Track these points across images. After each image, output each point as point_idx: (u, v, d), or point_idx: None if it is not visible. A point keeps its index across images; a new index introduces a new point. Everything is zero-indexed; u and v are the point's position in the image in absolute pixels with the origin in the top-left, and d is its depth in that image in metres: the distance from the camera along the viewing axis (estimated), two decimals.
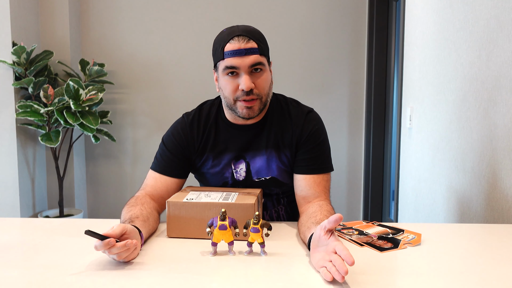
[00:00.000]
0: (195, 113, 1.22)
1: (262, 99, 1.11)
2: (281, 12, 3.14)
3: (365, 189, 3.18)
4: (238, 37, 1.06)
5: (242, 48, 1.06)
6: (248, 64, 1.06)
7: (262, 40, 1.11)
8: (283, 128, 1.18)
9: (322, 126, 1.20)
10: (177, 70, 3.20)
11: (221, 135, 1.20)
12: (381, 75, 3.00)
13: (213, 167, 1.21)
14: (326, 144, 1.20)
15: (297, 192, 1.17)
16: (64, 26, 3.02)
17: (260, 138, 1.19)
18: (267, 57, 1.12)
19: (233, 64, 1.06)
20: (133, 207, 1.04)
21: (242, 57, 1.06)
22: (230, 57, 1.06)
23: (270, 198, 1.25)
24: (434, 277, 0.78)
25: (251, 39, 1.07)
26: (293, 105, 1.22)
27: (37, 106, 2.66)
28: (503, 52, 1.30)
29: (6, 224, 1.14)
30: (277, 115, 1.20)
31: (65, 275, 0.79)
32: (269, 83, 1.13)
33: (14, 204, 2.78)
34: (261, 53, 1.09)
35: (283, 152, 1.18)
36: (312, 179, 1.15)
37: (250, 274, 0.79)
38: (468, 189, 1.53)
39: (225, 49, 1.07)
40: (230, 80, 1.09)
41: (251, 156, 1.19)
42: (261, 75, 1.09)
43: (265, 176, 1.20)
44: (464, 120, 1.57)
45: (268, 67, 1.13)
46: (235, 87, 1.09)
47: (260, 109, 1.12)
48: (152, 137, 3.24)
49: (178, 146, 1.20)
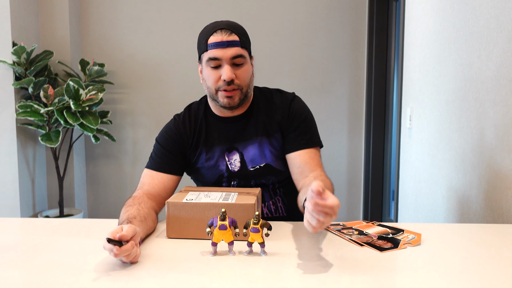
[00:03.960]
0: (185, 113, 1.28)
1: (243, 90, 1.17)
2: (281, 12, 3.14)
3: (365, 189, 3.18)
4: (221, 30, 1.12)
5: (224, 40, 1.11)
6: (230, 56, 1.12)
7: (244, 34, 1.17)
8: (269, 115, 1.24)
9: (305, 105, 1.28)
10: (177, 70, 3.20)
11: (211, 129, 1.25)
12: (381, 75, 3.00)
13: (207, 161, 1.25)
14: (311, 120, 1.26)
15: (293, 171, 1.22)
16: (64, 26, 3.02)
17: (249, 128, 1.24)
18: (248, 51, 1.18)
19: (215, 56, 1.12)
20: (130, 207, 1.05)
21: (224, 48, 1.11)
22: (213, 49, 1.12)
23: (266, 189, 1.27)
24: (434, 277, 0.78)
25: (233, 32, 1.13)
26: (276, 94, 1.28)
27: (37, 106, 2.66)
28: (503, 52, 1.30)
29: (6, 224, 1.14)
30: (262, 104, 1.26)
31: (65, 275, 0.79)
32: (250, 75, 1.19)
33: (14, 204, 2.78)
34: (243, 46, 1.14)
35: (273, 137, 1.23)
36: (306, 154, 1.20)
37: (250, 274, 0.79)
38: (468, 189, 1.53)
39: (208, 41, 1.13)
40: (213, 71, 1.14)
41: (243, 146, 1.24)
42: (242, 67, 1.15)
43: (259, 163, 1.24)
44: (464, 120, 1.57)
45: (249, 60, 1.19)
46: (217, 78, 1.14)
47: (240, 99, 1.17)
48: (152, 137, 3.24)
49: (172, 142, 1.24)
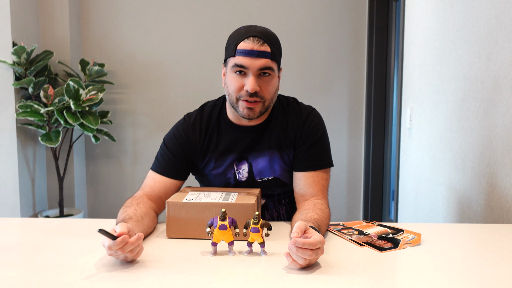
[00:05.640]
0: (197, 114, 1.21)
1: (265, 103, 1.11)
2: (281, 12, 3.14)
3: (365, 189, 3.18)
4: (253, 38, 1.05)
5: (255, 50, 1.05)
6: (258, 67, 1.05)
7: (277, 45, 1.10)
8: (284, 129, 1.18)
9: (320, 122, 1.20)
10: (177, 70, 3.20)
11: (223, 137, 1.19)
12: (381, 75, 3.00)
13: (215, 169, 1.20)
14: (324, 141, 1.19)
15: (296, 190, 1.18)
16: (64, 26, 3.02)
17: (262, 140, 1.18)
18: (278, 63, 1.11)
19: (242, 64, 1.05)
20: (128, 208, 1.04)
21: (253, 58, 1.05)
22: (241, 56, 1.05)
23: (271, 199, 1.24)
24: (434, 277, 0.78)
25: (266, 42, 1.06)
26: (293, 105, 1.21)
27: (37, 106, 2.65)
28: (503, 52, 1.30)
29: (6, 224, 1.14)
30: (280, 116, 1.20)
31: (65, 275, 0.79)
32: (275, 88, 1.12)
33: (14, 204, 2.78)
34: (273, 58, 1.07)
35: (285, 152, 1.18)
36: (311, 178, 1.15)
37: (250, 274, 0.79)
38: (468, 189, 1.53)
39: (238, 47, 1.06)
40: (237, 78, 1.08)
41: (253, 157, 1.19)
42: (268, 79, 1.09)
43: (267, 176, 1.19)
44: (464, 120, 1.57)
45: (277, 73, 1.12)
46: (240, 86, 1.08)
47: (261, 112, 1.11)
48: (152, 137, 3.24)
49: (179, 148, 1.19)
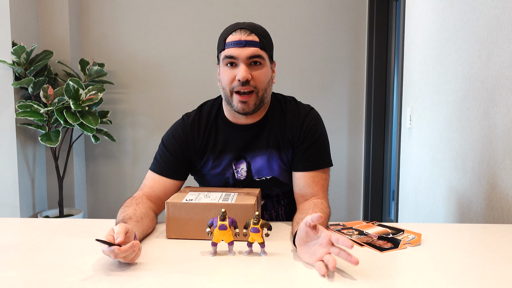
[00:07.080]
0: (195, 114, 1.22)
1: (259, 93, 1.11)
2: (281, 12, 3.14)
3: (365, 189, 3.18)
4: (240, 30, 1.08)
5: (242, 40, 1.07)
6: (247, 55, 1.07)
7: (265, 36, 1.11)
8: (282, 128, 1.18)
9: (319, 122, 1.20)
10: (177, 70, 3.20)
11: (221, 136, 1.19)
12: (381, 75, 3.00)
13: (213, 168, 1.20)
14: (323, 140, 1.19)
15: (295, 190, 1.18)
16: (64, 26, 3.02)
17: (260, 138, 1.19)
18: (268, 54, 1.12)
19: (232, 54, 1.07)
20: (127, 208, 1.04)
21: (242, 47, 1.07)
22: (230, 47, 1.08)
23: (270, 199, 1.24)
24: (434, 277, 0.78)
25: (253, 32, 1.09)
26: (291, 104, 1.21)
27: (37, 106, 2.65)
28: (503, 52, 1.30)
29: (6, 224, 1.14)
30: (277, 114, 1.20)
31: (65, 275, 0.79)
32: (268, 78, 1.13)
33: (14, 204, 2.78)
34: (262, 47, 1.09)
35: (283, 152, 1.18)
36: (310, 178, 1.15)
37: (250, 274, 0.79)
38: (468, 189, 1.53)
39: (226, 40, 1.09)
40: (228, 70, 1.10)
41: (251, 156, 1.19)
42: (259, 68, 1.10)
43: (266, 175, 1.19)
44: (464, 120, 1.57)
45: (268, 63, 1.13)
46: (232, 78, 1.09)
47: (255, 104, 1.11)
48: (152, 137, 3.24)
49: (178, 148, 1.19)
